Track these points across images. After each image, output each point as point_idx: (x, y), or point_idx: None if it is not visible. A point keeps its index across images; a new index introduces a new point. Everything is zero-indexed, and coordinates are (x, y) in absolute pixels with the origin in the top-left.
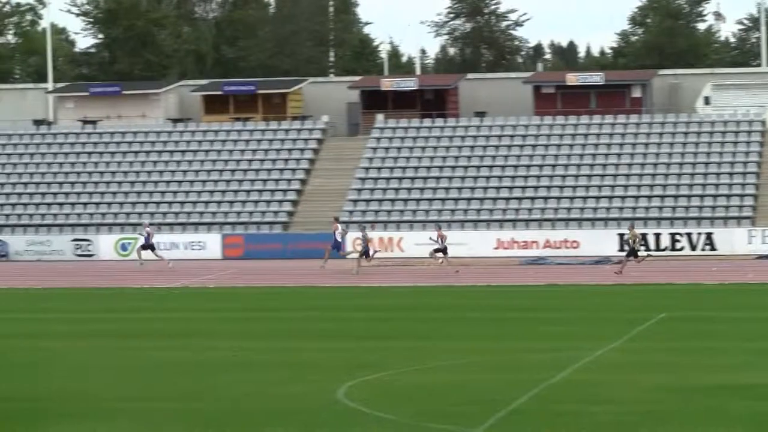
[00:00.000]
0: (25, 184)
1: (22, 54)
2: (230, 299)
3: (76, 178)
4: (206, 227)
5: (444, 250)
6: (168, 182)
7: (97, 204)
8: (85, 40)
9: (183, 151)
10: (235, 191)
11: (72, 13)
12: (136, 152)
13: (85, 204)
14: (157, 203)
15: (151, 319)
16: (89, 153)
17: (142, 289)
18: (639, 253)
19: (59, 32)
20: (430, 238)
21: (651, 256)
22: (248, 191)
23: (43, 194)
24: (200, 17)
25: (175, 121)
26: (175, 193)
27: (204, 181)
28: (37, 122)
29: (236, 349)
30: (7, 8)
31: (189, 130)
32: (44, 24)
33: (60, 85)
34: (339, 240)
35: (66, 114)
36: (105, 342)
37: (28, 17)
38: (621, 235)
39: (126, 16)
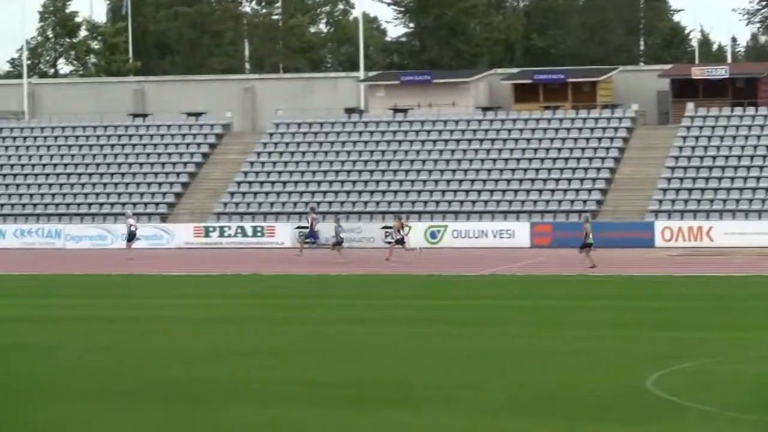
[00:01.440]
0: (337, 171)
1: (334, 43)
2: (536, 286)
3: (386, 166)
4: (515, 216)
5: (400, 241)
6: (477, 170)
7: (407, 192)
8: (396, 29)
9: (492, 140)
10: (544, 180)
11: (383, 2)
12: (446, 141)
13: (395, 192)
14: (466, 191)
15: (450, 306)
16: (399, 141)
17: (448, 277)
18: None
19: (370, 21)
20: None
21: None
22: (557, 180)
23: (354, 182)
24: (510, 6)
25: (485, 109)
26: (484, 181)
27: (513, 170)
28: (349, 110)
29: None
30: None
31: (499, 118)
32: (356, 13)
33: (371, 73)
34: (315, 230)
35: (377, 102)
36: (404, 329)
37: (340, 6)
38: None
39: (437, 5)
